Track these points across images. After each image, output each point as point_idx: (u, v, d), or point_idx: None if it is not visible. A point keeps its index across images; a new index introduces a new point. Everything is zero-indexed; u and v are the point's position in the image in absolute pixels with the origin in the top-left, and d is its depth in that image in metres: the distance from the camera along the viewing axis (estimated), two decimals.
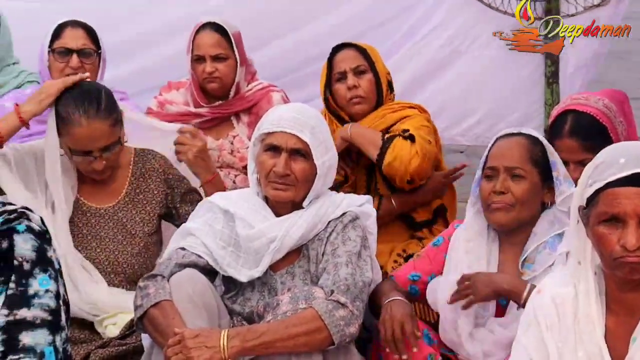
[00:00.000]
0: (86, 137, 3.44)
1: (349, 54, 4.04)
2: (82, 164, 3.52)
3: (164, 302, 2.96)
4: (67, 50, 4.07)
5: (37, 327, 2.38)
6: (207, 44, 4.22)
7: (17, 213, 2.47)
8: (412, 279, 3.25)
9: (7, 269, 2.41)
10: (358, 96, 4.01)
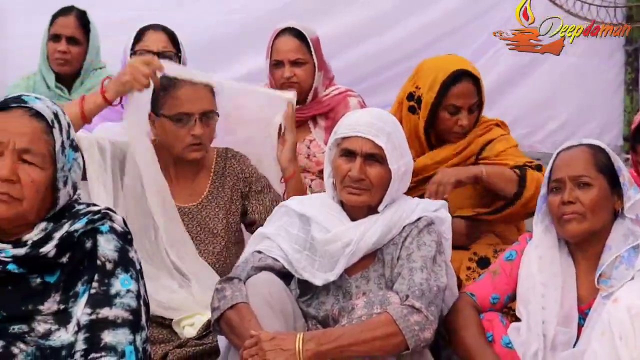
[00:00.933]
0: (191, 96, 3.50)
1: (468, 89, 3.87)
2: (181, 133, 3.52)
3: (240, 305, 2.99)
4: (148, 53, 4.15)
5: (119, 327, 2.43)
6: (286, 49, 4.26)
7: (100, 214, 2.52)
8: (493, 302, 3.20)
9: (90, 268, 2.46)
10: (462, 131, 3.89)
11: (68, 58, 4.68)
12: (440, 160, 3.88)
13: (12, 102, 2.46)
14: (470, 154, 3.90)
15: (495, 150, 3.88)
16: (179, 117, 3.51)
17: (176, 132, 3.53)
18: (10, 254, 2.42)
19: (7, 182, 2.40)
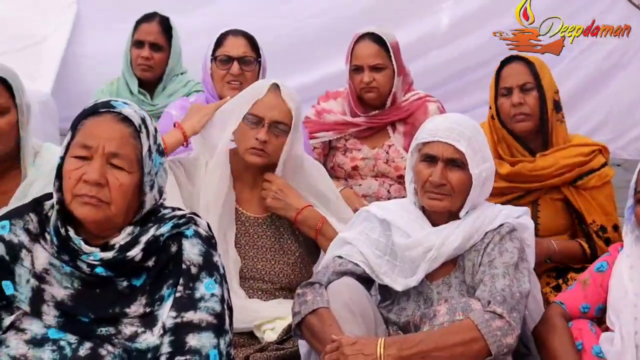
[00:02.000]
0: (269, 104, 3.49)
1: (516, 69, 3.89)
2: (250, 135, 3.51)
3: (321, 309, 3.00)
4: (228, 58, 4.18)
5: (203, 330, 2.45)
6: (366, 54, 4.26)
7: (185, 218, 2.55)
8: (583, 311, 3.15)
9: (175, 272, 2.49)
10: (522, 113, 3.85)
11: (151, 64, 4.74)
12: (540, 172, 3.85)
13: (101, 107, 2.50)
14: (570, 179, 3.86)
15: (591, 184, 3.85)
16: (252, 120, 3.50)
17: (246, 134, 3.51)
18: (98, 257, 2.46)
19: (96, 186, 2.44)
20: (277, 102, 3.49)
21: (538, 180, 3.83)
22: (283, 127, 3.48)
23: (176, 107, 4.33)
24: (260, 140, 3.45)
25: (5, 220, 2.53)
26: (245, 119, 3.50)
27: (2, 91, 3.01)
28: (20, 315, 2.48)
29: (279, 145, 3.49)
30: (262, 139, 3.45)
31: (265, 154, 3.49)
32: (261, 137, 3.44)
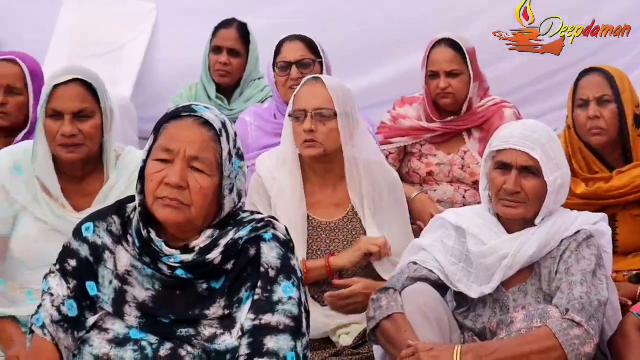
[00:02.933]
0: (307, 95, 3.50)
1: (594, 81, 3.80)
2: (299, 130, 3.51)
3: (396, 315, 3.00)
4: (286, 64, 4.23)
5: (281, 333, 2.47)
6: (442, 60, 4.26)
7: (264, 222, 2.57)
8: None
9: (254, 275, 2.51)
10: (598, 127, 3.75)
11: (229, 70, 4.79)
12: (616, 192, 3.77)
13: (183, 111, 2.54)
14: None
15: None
16: (297, 115, 3.51)
17: (296, 130, 3.52)
18: (178, 259, 2.50)
19: (177, 189, 2.47)
20: (315, 91, 3.50)
21: (614, 198, 3.75)
22: (327, 112, 3.47)
23: (250, 114, 4.39)
24: (307, 131, 3.45)
25: (89, 222, 2.59)
26: (292, 118, 3.52)
27: (88, 96, 3.07)
28: (103, 316, 2.54)
29: (328, 132, 3.47)
30: (308, 129, 3.44)
31: (317, 143, 3.47)
32: (306, 127, 3.45)
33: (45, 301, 2.56)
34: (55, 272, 2.59)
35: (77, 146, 3.05)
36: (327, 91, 3.48)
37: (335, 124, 3.48)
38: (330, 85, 3.51)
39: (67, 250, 2.58)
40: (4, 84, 3.74)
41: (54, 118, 3.05)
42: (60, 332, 2.53)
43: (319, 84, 3.51)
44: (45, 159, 3.08)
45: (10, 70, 3.76)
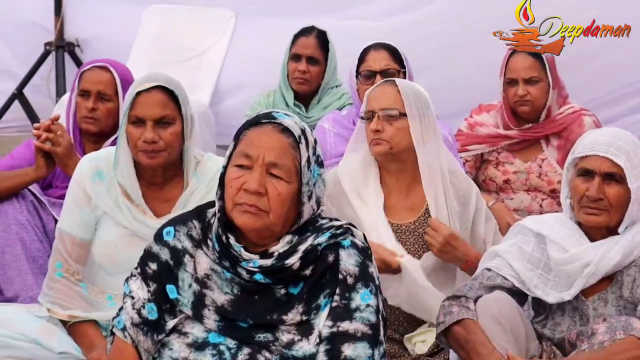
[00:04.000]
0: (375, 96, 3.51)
1: None
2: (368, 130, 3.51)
3: (467, 320, 2.98)
4: (371, 73, 4.22)
5: (358, 340, 2.47)
6: (521, 68, 4.23)
7: (343, 229, 2.57)
8: None
9: (332, 282, 2.52)
10: None
11: (307, 77, 4.81)
12: None
13: (263, 118, 2.56)
14: None
15: None
16: (366, 116, 3.49)
17: (366, 130, 3.51)
18: (257, 264, 2.51)
19: (255, 195, 2.49)
20: (383, 91, 3.49)
21: None
22: (394, 112, 3.44)
23: (328, 120, 4.40)
24: (373, 130, 3.44)
25: (170, 226, 2.62)
26: (362, 118, 3.52)
27: (169, 103, 3.10)
28: (182, 319, 2.57)
29: (395, 131, 3.44)
30: (374, 129, 3.43)
31: (383, 141, 3.44)
32: (373, 127, 3.44)
33: (126, 304, 2.61)
34: (136, 275, 2.63)
35: (158, 152, 3.09)
36: (397, 92, 3.47)
37: (403, 124, 3.45)
38: (402, 86, 3.50)
39: (148, 254, 2.62)
40: (95, 90, 3.81)
41: (136, 124, 3.08)
42: (140, 335, 2.57)
43: (389, 85, 3.51)
44: (127, 164, 3.12)
45: (102, 77, 3.83)
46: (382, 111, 3.46)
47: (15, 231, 3.61)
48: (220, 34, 6.00)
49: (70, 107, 3.92)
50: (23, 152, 3.89)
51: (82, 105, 3.83)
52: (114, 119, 3.80)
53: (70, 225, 3.18)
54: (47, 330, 3.10)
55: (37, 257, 3.66)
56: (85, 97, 3.84)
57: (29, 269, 3.63)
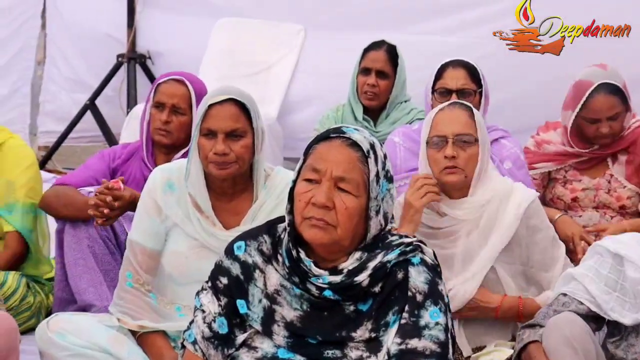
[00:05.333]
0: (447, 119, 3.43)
1: None
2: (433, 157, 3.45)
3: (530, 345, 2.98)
4: (447, 91, 4.17)
5: (427, 358, 2.45)
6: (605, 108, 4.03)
7: (412, 246, 2.56)
8: None
9: (401, 299, 2.51)
10: None
11: (376, 91, 4.81)
12: None
13: (332, 133, 2.57)
14: None
15: None
16: (437, 141, 3.41)
17: (431, 156, 3.44)
18: (327, 280, 2.51)
19: (323, 209, 2.49)
20: (454, 114, 3.42)
21: None
22: (469, 138, 3.38)
23: (399, 134, 4.38)
24: (449, 156, 3.36)
25: (241, 241, 2.64)
26: (430, 144, 3.43)
27: (241, 116, 3.12)
28: (252, 334, 2.58)
29: (469, 158, 3.38)
30: (450, 155, 3.36)
31: (458, 169, 3.38)
32: (449, 153, 3.36)
33: (197, 317, 2.63)
34: (207, 289, 2.65)
35: (229, 164, 3.10)
36: (469, 116, 3.41)
37: (475, 151, 3.39)
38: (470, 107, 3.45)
39: (218, 268, 2.64)
40: (170, 103, 3.85)
41: (207, 136, 3.10)
42: (211, 349, 2.59)
43: (460, 108, 3.44)
44: (198, 176, 3.14)
45: (177, 90, 3.87)
46: (456, 137, 3.38)
47: (87, 244, 3.66)
48: (289, 48, 6.04)
49: (144, 117, 3.96)
50: (96, 164, 3.94)
51: (156, 117, 3.87)
52: (187, 132, 3.83)
53: (140, 236, 3.21)
54: (117, 339, 3.14)
55: (109, 270, 3.71)
56: (159, 109, 3.87)
57: (103, 280, 3.68)
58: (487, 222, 3.40)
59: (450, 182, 3.39)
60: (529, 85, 5.53)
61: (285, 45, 6.05)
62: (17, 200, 3.95)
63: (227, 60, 6.08)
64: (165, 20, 6.55)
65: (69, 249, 3.72)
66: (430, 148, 3.41)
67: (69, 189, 3.80)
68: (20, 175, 3.97)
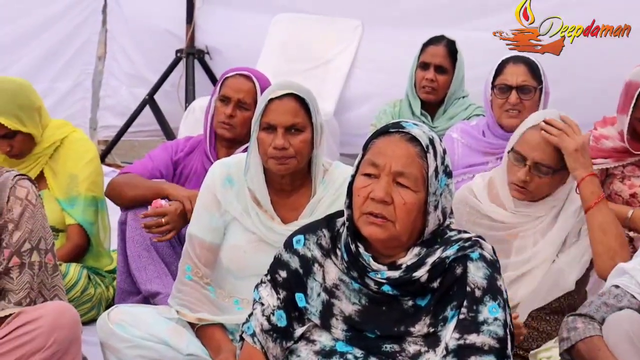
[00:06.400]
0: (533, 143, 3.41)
1: None
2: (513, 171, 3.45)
3: (594, 337, 2.92)
4: (507, 87, 4.15)
5: (485, 354, 2.45)
6: None
7: (471, 241, 2.56)
8: None
9: (460, 294, 2.51)
10: None
11: (435, 86, 4.79)
12: None
13: (391, 128, 2.57)
14: None
15: None
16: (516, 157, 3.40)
17: (511, 168, 3.42)
18: (385, 275, 2.52)
19: (381, 204, 2.49)
20: (540, 141, 3.38)
21: None
22: (545, 170, 3.36)
23: (457, 130, 4.37)
24: (521, 180, 3.36)
25: (300, 234, 2.66)
26: (511, 152, 3.42)
27: (300, 110, 3.13)
28: (310, 327, 2.60)
29: (542, 185, 3.39)
30: (523, 179, 3.35)
31: (527, 191, 3.39)
32: (521, 177, 3.35)
33: (256, 310, 2.65)
34: (266, 282, 2.67)
35: (288, 159, 3.11)
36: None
37: (548, 179, 3.39)
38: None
39: (278, 262, 2.66)
40: (236, 98, 3.87)
41: (267, 131, 3.12)
42: (270, 341, 2.60)
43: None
44: (257, 170, 3.16)
45: (244, 86, 3.89)
46: (536, 165, 3.36)
47: (149, 236, 3.70)
48: (346, 43, 6.04)
49: (209, 110, 4.00)
50: (159, 155, 3.98)
51: (221, 111, 3.90)
52: (249, 127, 3.82)
53: (200, 229, 3.23)
54: (176, 332, 3.16)
55: (170, 263, 3.76)
56: (225, 102, 3.90)
57: (168, 271, 3.73)
58: (550, 219, 3.42)
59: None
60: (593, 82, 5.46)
61: (343, 40, 6.05)
62: (79, 193, 4.01)
63: (284, 55, 6.10)
64: (223, 16, 6.59)
65: (131, 241, 3.77)
66: (510, 155, 3.42)
67: (134, 176, 3.86)
68: (82, 169, 4.04)
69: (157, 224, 3.58)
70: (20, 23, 6.87)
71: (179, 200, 3.63)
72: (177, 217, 3.59)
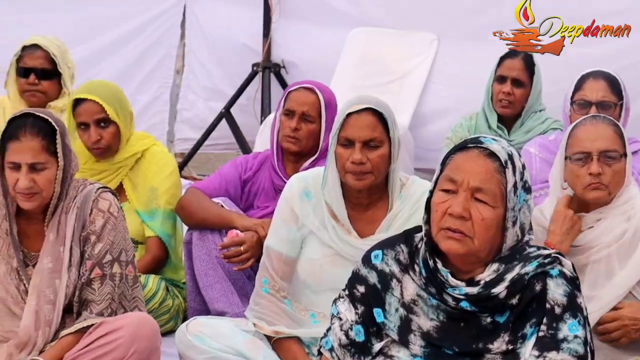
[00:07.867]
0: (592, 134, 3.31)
1: None
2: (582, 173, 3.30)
3: None
4: (586, 103, 4.11)
5: None
6: None
7: (551, 258, 2.53)
8: None
9: (539, 311, 2.48)
10: None
11: (511, 100, 4.75)
12: None
13: (470, 143, 2.56)
14: None
15: None
16: (579, 157, 3.28)
17: (577, 172, 3.29)
18: (463, 291, 2.51)
19: (459, 219, 2.48)
20: (598, 130, 3.28)
21: None
22: (614, 154, 3.25)
23: (535, 145, 4.33)
24: (594, 174, 3.22)
25: (378, 249, 2.66)
26: (572, 160, 3.29)
27: (378, 125, 3.13)
28: (388, 342, 2.60)
29: (614, 174, 3.25)
30: (596, 172, 3.22)
31: (603, 186, 3.25)
32: (594, 170, 3.22)
33: (334, 325, 2.66)
34: (344, 297, 2.67)
35: (365, 174, 3.12)
36: (614, 130, 3.29)
37: (621, 167, 3.27)
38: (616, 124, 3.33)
39: (356, 276, 2.66)
40: (300, 111, 3.88)
41: (345, 146, 3.13)
42: (348, 356, 2.61)
43: (604, 123, 3.30)
44: (335, 185, 3.17)
45: (308, 99, 3.90)
46: (601, 153, 3.25)
47: (215, 255, 3.73)
48: (422, 57, 6.02)
49: (275, 125, 4.03)
50: (230, 173, 4.00)
51: (286, 124, 3.92)
52: (315, 140, 3.88)
53: (277, 242, 3.26)
54: (254, 344, 3.19)
55: (237, 280, 3.78)
56: (289, 116, 3.92)
57: (234, 289, 3.75)
58: (629, 239, 3.27)
59: (594, 199, 3.28)
60: None
61: (419, 54, 6.03)
62: (159, 206, 4.06)
63: (360, 69, 6.10)
64: (299, 30, 6.62)
65: (198, 260, 3.79)
66: (573, 163, 3.29)
67: (204, 198, 3.89)
68: (162, 181, 4.09)
69: (237, 252, 3.62)
70: (100, 38, 6.99)
71: (251, 229, 3.66)
72: (254, 244, 3.62)
